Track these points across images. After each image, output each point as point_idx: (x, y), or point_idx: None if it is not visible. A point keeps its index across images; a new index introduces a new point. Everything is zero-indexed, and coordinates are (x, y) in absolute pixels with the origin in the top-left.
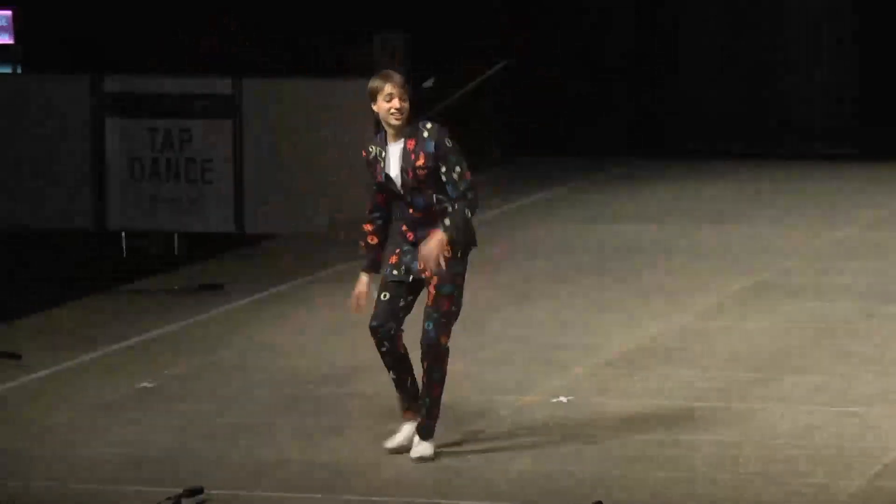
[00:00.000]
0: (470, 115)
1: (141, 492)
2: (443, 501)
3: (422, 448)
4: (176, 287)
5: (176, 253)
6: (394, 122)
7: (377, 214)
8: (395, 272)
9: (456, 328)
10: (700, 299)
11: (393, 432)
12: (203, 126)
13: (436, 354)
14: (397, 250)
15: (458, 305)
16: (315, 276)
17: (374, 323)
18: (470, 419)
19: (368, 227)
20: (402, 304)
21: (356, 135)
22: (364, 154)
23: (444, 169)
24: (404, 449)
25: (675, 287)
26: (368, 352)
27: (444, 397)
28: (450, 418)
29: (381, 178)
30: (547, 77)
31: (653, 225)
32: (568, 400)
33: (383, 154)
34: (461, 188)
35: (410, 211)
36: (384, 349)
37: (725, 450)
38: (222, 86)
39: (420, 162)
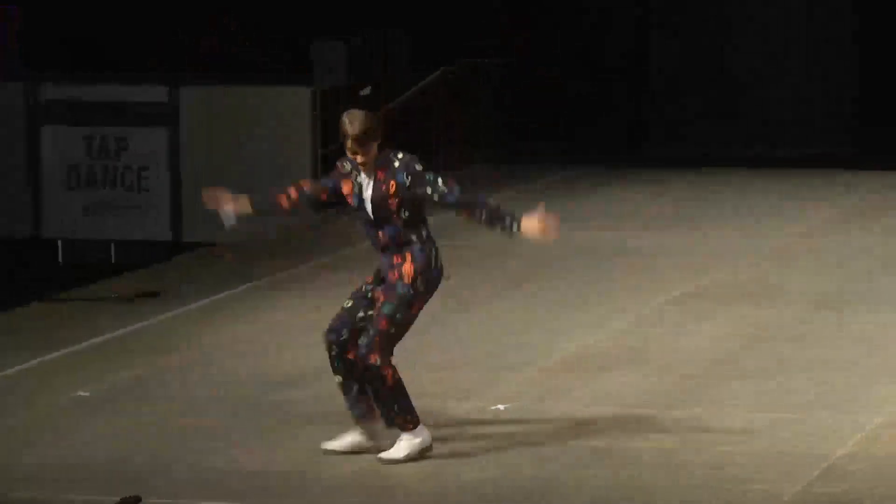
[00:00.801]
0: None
1: (87, 500)
2: None
3: (394, 450)
4: (113, 295)
5: (112, 261)
6: (356, 161)
7: (310, 198)
8: (364, 287)
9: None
10: (641, 304)
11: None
12: (139, 134)
13: (369, 372)
14: (371, 276)
15: (399, 328)
16: (253, 284)
17: (329, 326)
18: None
19: (294, 193)
20: (361, 314)
21: (293, 141)
22: (338, 166)
23: (428, 190)
24: (337, 453)
25: (616, 292)
26: (311, 357)
27: None
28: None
29: (353, 203)
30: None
31: (600, 230)
32: (508, 407)
33: (358, 179)
34: (456, 193)
35: (379, 236)
36: (333, 353)
37: (666, 455)
38: (158, 93)
39: (391, 192)
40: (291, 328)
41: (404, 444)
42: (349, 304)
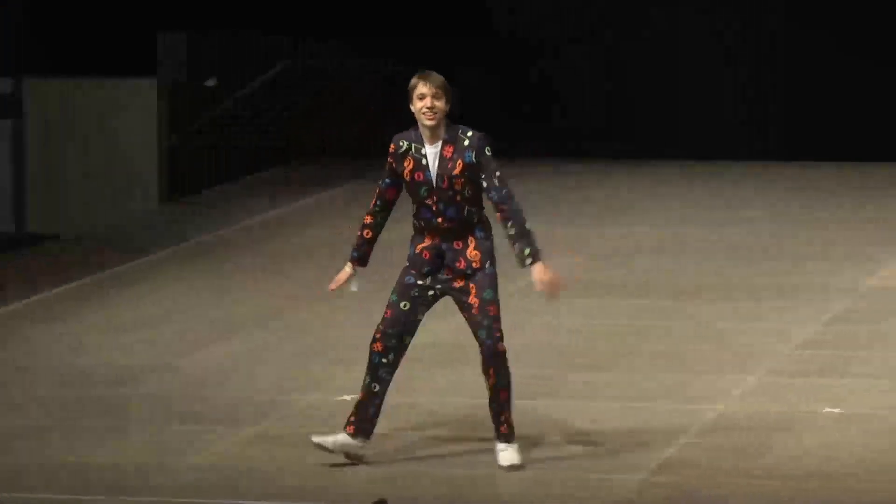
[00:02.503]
0: (248, 116)
1: None
2: (230, 501)
3: (508, 455)
4: None
5: None
6: (427, 121)
7: (379, 208)
8: (418, 282)
9: (236, 328)
10: None
11: (178, 433)
12: None
13: (499, 363)
14: (412, 268)
15: (500, 311)
16: (95, 278)
17: (389, 330)
18: (255, 418)
19: (368, 220)
20: (419, 319)
21: (139, 133)
22: (392, 147)
23: (483, 175)
24: (326, 450)
25: None
26: (149, 353)
27: (225, 394)
28: (233, 417)
29: (413, 178)
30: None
31: None
32: (353, 398)
33: (422, 151)
34: (504, 193)
35: (439, 220)
36: (385, 360)
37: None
38: (3, 85)
39: (457, 171)
40: (124, 324)
41: (512, 450)
42: (406, 307)
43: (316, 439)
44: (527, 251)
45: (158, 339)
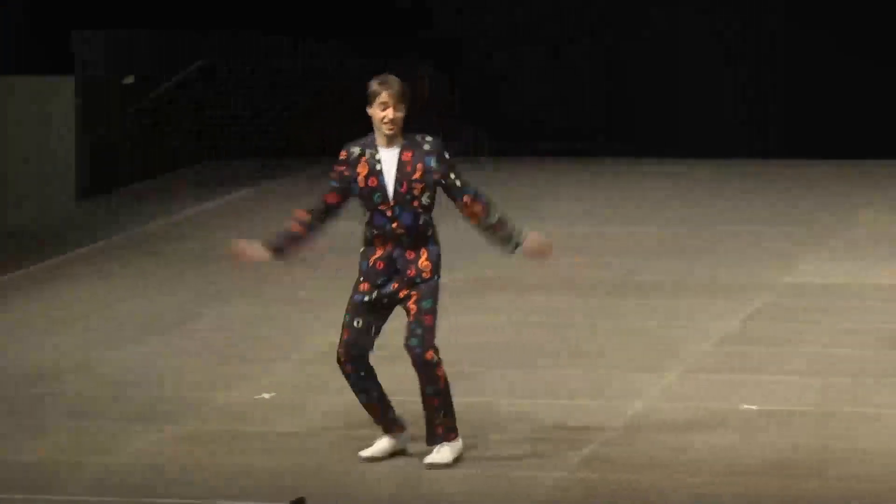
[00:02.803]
0: (166, 113)
1: None
2: (150, 500)
3: (441, 454)
4: None
5: None
6: (386, 132)
7: (315, 208)
8: (366, 298)
9: (155, 326)
10: None
11: (97, 432)
12: None
13: (427, 371)
14: (365, 282)
15: (437, 321)
16: (12, 276)
17: (351, 352)
18: (174, 416)
19: (302, 215)
20: (374, 328)
21: (56, 131)
22: (343, 155)
23: (452, 176)
24: (376, 459)
25: None
26: (68, 352)
27: (145, 393)
28: (153, 415)
29: (367, 184)
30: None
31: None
32: (271, 397)
33: (377, 157)
34: (474, 189)
35: (394, 225)
36: (360, 375)
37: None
38: None
39: (418, 175)
40: (43, 323)
41: (448, 449)
42: (360, 324)
43: (364, 454)
44: (518, 228)
45: (77, 337)
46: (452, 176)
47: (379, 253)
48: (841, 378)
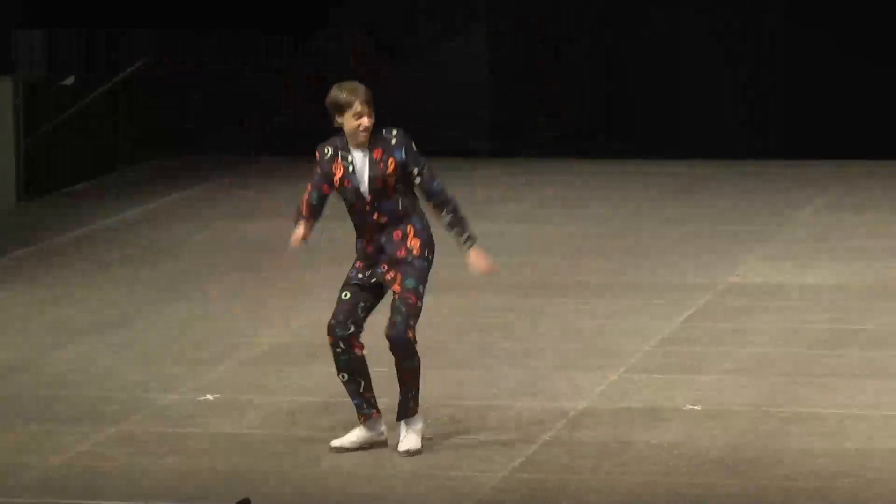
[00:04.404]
0: (106, 114)
1: None
2: (89, 502)
3: (409, 440)
4: None
5: None
6: (362, 139)
7: (315, 196)
8: (359, 275)
9: (95, 327)
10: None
11: (36, 433)
12: None
13: (404, 348)
14: (359, 261)
15: (422, 301)
16: None
17: (333, 321)
18: (115, 418)
19: (306, 198)
20: (362, 305)
21: None
22: (318, 155)
23: (416, 170)
24: (344, 449)
25: (321, 284)
26: (5, 354)
27: (85, 394)
28: (93, 417)
29: (343, 185)
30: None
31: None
32: (214, 398)
33: (349, 158)
34: (435, 184)
35: (375, 216)
36: (339, 349)
37: (367, 446)
38: None
39: (390, 170)
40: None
41: (414, 434)
42: (347, 296)
43: (334, 444)
44: (464, 236)
45: (16, 339)
46: (415, 170)
47: (367, 239)
48: (778, 378)
